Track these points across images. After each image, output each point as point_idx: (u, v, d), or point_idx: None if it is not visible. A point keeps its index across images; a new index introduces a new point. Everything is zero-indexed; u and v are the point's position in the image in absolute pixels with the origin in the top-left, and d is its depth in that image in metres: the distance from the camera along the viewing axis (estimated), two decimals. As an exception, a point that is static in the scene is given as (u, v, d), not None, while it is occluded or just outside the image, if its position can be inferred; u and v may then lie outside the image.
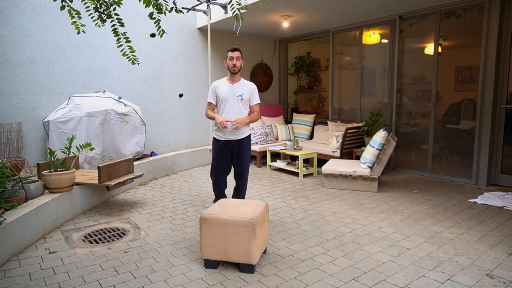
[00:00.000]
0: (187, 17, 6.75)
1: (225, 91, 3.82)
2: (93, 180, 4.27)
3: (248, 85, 3.90)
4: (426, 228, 3.72)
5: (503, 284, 2.63)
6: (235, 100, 3.80)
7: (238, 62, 3.77)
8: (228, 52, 3.79)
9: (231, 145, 3.89)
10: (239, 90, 3.82)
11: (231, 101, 3.80)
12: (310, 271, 2.86)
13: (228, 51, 3.80)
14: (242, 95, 3.81)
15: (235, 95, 3.80)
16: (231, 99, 3.80)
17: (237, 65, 3.76)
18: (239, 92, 3.81)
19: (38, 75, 5.24)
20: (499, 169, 5.21)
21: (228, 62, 3.79)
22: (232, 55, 3.76)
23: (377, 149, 4.92)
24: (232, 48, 3.79)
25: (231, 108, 3.80)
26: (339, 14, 6.09)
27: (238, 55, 3.77)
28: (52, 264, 3.01)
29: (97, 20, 2.77)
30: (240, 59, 3.79)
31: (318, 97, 9.13)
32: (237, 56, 3.76)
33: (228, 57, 3.79)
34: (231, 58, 3.76)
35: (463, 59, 5.49)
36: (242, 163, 3.97)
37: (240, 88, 3.84)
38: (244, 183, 4.08)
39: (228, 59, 3.79)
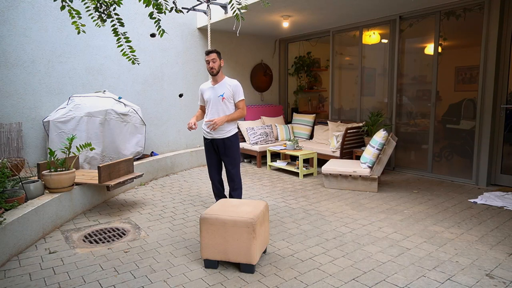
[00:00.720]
0: (187, 17, 6.75)
1: (208, 93, 3.96)
2: (93, 180, 4.27)
3: (230, 83, 3.95)
4: (426, 228, 3.72)
5: (503, 284, 2.63)
6: (217, 100, 3.90)
7: (215, 64, 3.83)
8: (205, 56, 3.88)
9: (216, 143, 3.98)
10: (220, 90, 3.90)
11: (213, 102, 3.91)
12: (310, 271, 2.86)
13: (205, 54, 3.89)
14: (223, 95, 3.88)
15: (216, 96, 3.90)
16: (213, 100, 3.91)
17: (214, 67, 3.83)
18: (220, 92, 3.90)
19: (38, 75, 5.24)
20: (499, 169, 5.21)
21: (206, 65, 3.89)
22: (208, 58, 3.84)
23: (377, 149, 4.92)
24: (207, 52, 3.88)
25: (214, 108, 3.91)
26: (339, 14, 6.09)
27: (214, 57, 3.82)
28: (52, 264, 3.01)
29: (97, 20, 2.77)
30: (216, 60, 3.84)
31: (318, 97, 9.13)
32: (212, 59, 3.82)
33: (205, 61, 3.88)
34: (207, 61, 3.85)
35: (463, 59, 5.49)
36: (228, 161, 3.99)
37: (221, 88, 3.91)
38: (235, 183, 4.04)
39: (206, 63, 3.88)
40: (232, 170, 3.99)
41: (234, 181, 4.04)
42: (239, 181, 4.06)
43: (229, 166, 4.00)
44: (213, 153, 4.04)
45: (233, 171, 3.99)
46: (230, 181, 4.06)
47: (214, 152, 4.03)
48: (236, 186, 4.05)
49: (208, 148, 4.06)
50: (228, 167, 4.00)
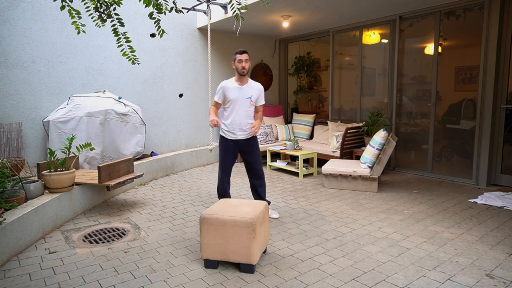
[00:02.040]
0: (187, 17, 6.75)
1: (235, 93, 3.86)
2: (93, 180, 4.27)
3: (256, 87, 3.96)
4: (426, 228, 3.72)
5: (503, 284, 2.63)
6: (244, 102, 3.86)
7: (247, 64, 3.81)
8: (236, 54, 3.84)
9: (240, 144, 3.95)
10: (249, 92, 3.88)
11: (240, 103, 3.86)
12: (310, 271, 2.86)
13: (236, 53, 3.84)
14: (251, 97, 3.88)
15: (244, 97, 3.86)
16: (240, 101, 3.85)
17: (246, 67, 3.81)
18: (249, 94, 3.88)
19: (38, 75, 5.24)
20: (499, 169, 5.21)
21: (237, 64, 3.83)
22: (241, 57, 3.81)
23: (377, 149, 4.92)
24: (241, 51, 3.84)
25: (241, 109, 3.87)
26: (339, 14, 6.09)
27: (247, 58, 3.82)
28: (52, 264, 3.01)
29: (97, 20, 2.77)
30: (248, 61, 3.84)
31: (318, 97, 9.13)
32: (245, 59, 3.81)
33: (237, 60, 3.83)
34: (240, 60, 3.80)
35: (463, 59, 5.49)
36: (255, 159, 4.03)
37: (250, 90, 3.90)
38: (263, 179, 4.12)
39: (237, 62, 3.83)
40: (260, 167, 4.07)
41: (262, 178, 4.10)
42: (263, 174, 4.13)
43: (257, 164, 4.03)
44: (232, 154, 3.99)
45: (260, 167, 4.07)
46: (258, 179, 4.09)
47: (233, 153, 3.99)
48: (263, 182, 4.13)
49: (228, 149, 3.96)
50: (256, 165, 4.03)
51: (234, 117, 3.87)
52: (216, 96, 3.93)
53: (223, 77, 7.49)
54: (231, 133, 3.92)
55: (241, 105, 3.86)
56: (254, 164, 4.04)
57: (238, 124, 3.88)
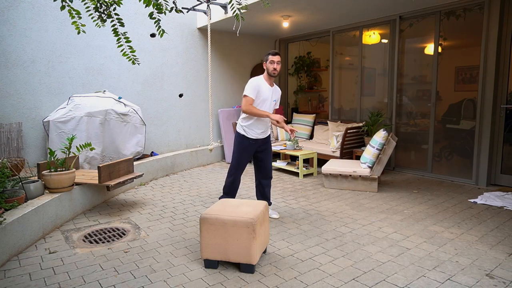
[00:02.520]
0: (187, 17, 6.75)
1: (266, 93, 3.83)
2: (93, 180, 4.27)
3: (278, 91, 4.03)
4: (426, 228, 3.72)
5: (503, 284, 2.63)
6: (271, 103, 3.90)
7: (278, 66, 3.78)
8: (269, 55, 3.78)
9: (259, 143, 3.98)
10: (275, 95, 3.95)
11: (268, 103, 3.87)
12: (310, 271, 2.86)
13: (269, 54, 3.78)
14: (276, 100, 3.97)
15: (272, 99, 3.89)
16: (269, 101, 3.87)
17: (277, 69, 3.78)
18: (275, 96, 3.94)
19: (38, 75, 5.24)
20: (499, 169, 5.21)
21: (269, 65, 3.78)
22: (274, 59, 3.76)
23: (377, 149, 4.92)
24: (274, 52, 3.79)
25: (267, 109, 3.87)
26: (339, 14, 6.09)
27: (279, 60, 3.78)
28: (52, 264, 3.01)
29: (97, 20, 2.77)
30: (280, 64, 3.81)
31: (318, 97, 9.13)
32: (278, 61, 3.76)
33: (269, 61, 3.77)
34: (272, 61, 3.76)
35: (463, 59, 5.49)
36: (270, 156, 4.08)
37: (275, 93, 3.96)
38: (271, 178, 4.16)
39: (269, 63, 3.77)
40: (271, 167, 4.13)
41: (271, 177, 4.14)
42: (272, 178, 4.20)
43: (270, 163, 4.08)
44: (251, 153, 4.00)
45: (271, 167, 4.13)
46: (268, 178, 4.11)
47: (251, 153, 4.00)
48: (270, 183, 4.17)
49: (247, 148, 3.94)
50: (269, 164, 4.07)
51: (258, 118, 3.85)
52: (251, 92, 3.75)
53: (223, 77, 7.51)
54: (254, 132, 3.89)
55: (268, 106, 3.88)
56: (268, 163, 4.06)
57: (263, 124, 3.90)
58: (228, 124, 7.30)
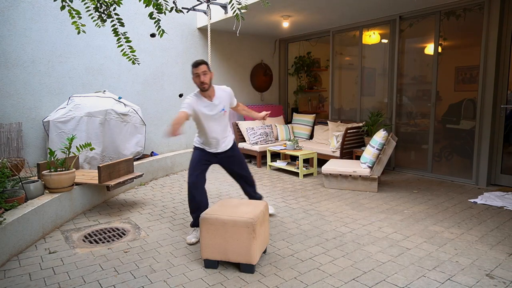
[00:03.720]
0: (187, 17, 6.75)
1: (206, 110, 3.40)
2: (93, 180, 4.27)
3: (224, 93, 3.51)
4: (426, 228, 3.72)
5: (503, 284, 2.63)
6: (219, 116, 3.46)
7: (205, 77, 3.29)
8: (192, 68, 3.33)
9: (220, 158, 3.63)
10: (220, 105, 3.45)
11: (215, 118, 3.45)
12: (310, 271, 2.86)
13: (192, 67, 3.33)
14: (225, 108, 3.48)
15: (218, 111, 3.44)
16: (215, 116, 3.44)
17: (206, 81, 3.29)
18: (221, 107, 3.45)
19: (38, 75, 5.24)
20: (499, 169, 5.21)
21: (195, 79, 3.33)
22: (197, 71, 3.28)
23: (377, 149, 4.91)
24: (195, 63, 3.31)
25: (218, 124, 3.48)
26: (339, 14, 6.09)
27: (204, 69, 3.28)
28: (52, 264, 3.01)
29: (97, 20, 2.77)
30: (207, 73, 3.30)
31: (318, 97, 9.13)
32: (203, 71, 3.27)
33: (194, 74, 3.31)
34: (197, 75, 3.29)
35: (463, 59, 5.48)
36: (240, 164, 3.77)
37: (220, 101, 3.45)
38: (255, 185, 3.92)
39: (194, 77, 3.32)
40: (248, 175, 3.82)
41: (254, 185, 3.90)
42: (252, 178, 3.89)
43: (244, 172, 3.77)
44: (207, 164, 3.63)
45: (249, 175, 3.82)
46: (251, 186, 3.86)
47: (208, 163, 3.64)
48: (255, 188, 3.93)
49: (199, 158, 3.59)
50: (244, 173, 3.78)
51: (211, 134, 3.48)
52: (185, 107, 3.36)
53: (223, 77, 7.51)
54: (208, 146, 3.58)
55: (217, 120, 3.46)
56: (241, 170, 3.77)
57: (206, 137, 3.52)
58: (228, 124, 7.28)
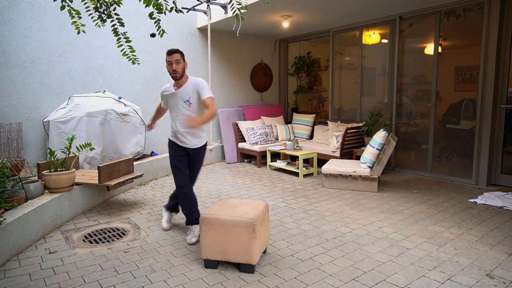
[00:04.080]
0: (187, 17, 6.74)
1: (172, 99, 3.43)
2: (93, 180, 4.27)
3: (193, 84, 3.35)
4: (426, 228, 3.72)
5: (503, 284, 2.63)
6: (182, 106, 3.36)
7: (178, 66, 3.26)
8: (166, 55, 3.30)
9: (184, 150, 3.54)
10: (185, 95, 3.34)
11: (179, 108, 3.39)
12: (310, 271, 2.86)
13: (166, 54, 3.31)
14: (190, 100, 3.33)
15: (182, 101, 3.36)
16: (179, 106, 3.38)
17: (177, 70, 3.26)
18: (185, 97, 3.34)
19: (38, 75, 5.24)
20: (499, 169, 5.21)
21: (168, 67, 3.31)
22: (170, 59, 3.26)
23: (377, 149, 4.91)
24: (169, 51, 3.29)
25: (181, 115, 3.38)
26: (339, 14, 6.09)
27: (178, 58, 3.26)
28: (52, 264, 3.01)
29: (97, 20, 2.77)
30: (180, 62, 3.27)
31: (318, 97, 9.13)
32: (176, 60, 3.25)
33: (167, 62, 3.30)
34: (170, 63, 3.26)
35: (463, 59, 5.48)
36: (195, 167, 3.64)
37: (186, 92, 3.35)
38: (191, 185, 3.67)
39: (167, 64, 3.30)
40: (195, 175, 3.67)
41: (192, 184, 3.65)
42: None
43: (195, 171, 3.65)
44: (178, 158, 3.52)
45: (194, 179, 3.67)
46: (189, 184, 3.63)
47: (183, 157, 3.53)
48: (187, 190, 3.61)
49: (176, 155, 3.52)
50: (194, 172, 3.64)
51: (176, 125, 3.44)
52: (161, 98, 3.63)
53: (223, 77, 7.51)
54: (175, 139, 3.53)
55: (181, 110, 3.37)
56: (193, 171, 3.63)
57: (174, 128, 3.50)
58: (228, 124, 7.29)
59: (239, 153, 7.28)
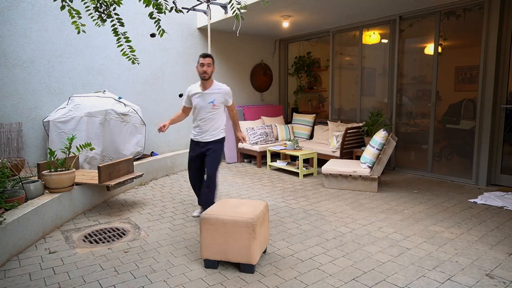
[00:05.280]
0: (187, 17, 6.75)
1: (197, 99, 3.88)
2: (93, 180, 4.27)
3: (220, 89, 3.89)
4: (426, 228, 3.72)
5: (503, 284, 2.63)
6: (207, 106, 3.84)
7: (208, 68, 3.74)
8: (200, 58, 3.78)
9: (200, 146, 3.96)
10: (210, 97, 3.84)
11: (203, 108, 3.85)
12: (310, 271, 2.86)
13: (200, 56, 3.79)
14: (214, 101, 3.84)
15: (206, 102, 3.83)
16: (203, 106, 3.85)
17: (207, 71, 3.74)
18: (210, 98, 3.83)
19: (38, 75, 5.24)
20: (499, 169, 5.21)
21: (199, 68, 3.77)
22: (203, 61, 3.74)
23: (377, 149, 4.91)
24: (204, 54, 3.79)
25: (204, 115, 3.87)
26: (339, 14, 6.09)
27: (209, 62, 3.76)
28: (52, 264, 3.01)
29: (97, 20, 2.77)
30: (211, 66, 3.76)
31: (318, 97, 9.13)
32: (208, 63, 3.74)
33: (199, 63, 3.76)
34: (202, 64, 3.74)
35: (463, 59, 5.49)
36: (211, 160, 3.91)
37: (211, 94, 3.84)
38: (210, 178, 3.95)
39: (199, 65, 3.76)
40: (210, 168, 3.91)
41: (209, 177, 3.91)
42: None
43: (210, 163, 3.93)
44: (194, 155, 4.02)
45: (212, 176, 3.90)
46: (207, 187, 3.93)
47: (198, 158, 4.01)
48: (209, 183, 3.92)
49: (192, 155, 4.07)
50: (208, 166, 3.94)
51: (198, 123, 3.91)
52: (186, 100, 4.04)
53: (223, 77, 7.51)
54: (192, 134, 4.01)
55: (204, 110, 3.85)
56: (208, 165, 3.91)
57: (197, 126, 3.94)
58: (228, 124, 7.26)
59: (239, 153, 7.28)
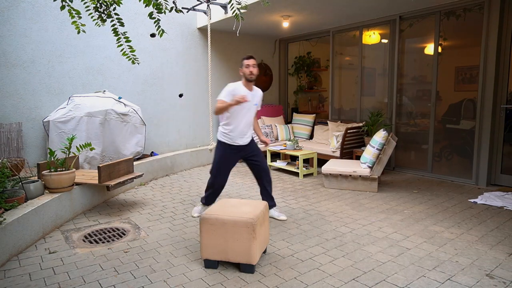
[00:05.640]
0: (187, 17, 6.75)
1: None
2: (93, 180, 4.27)
3: (259, 92, 3.97)
4: (426, 228, 3.72)
5: (503, 284, 2.63)
6: (251, 107, 3.84)
7: (254, 69, 3.78)
8: (244, 60, 3.81)
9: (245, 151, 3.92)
10: (255, 99, 3.87)
11: (247, 109, 3.80)
12: (310, 271, 2.86)
13: (244, 59, 3.81)
14: (257, 104, 3.91)
15: (252, 103, 3.82)
16: (248, 107, 3.78)
17: (254, 72, 3.77)
18: (256, 101, 3.88)
19: (38, 75, 5.24)
20: (499, 169, 5.21)
21: (245, 70, 3.77)
22: (248, 62, 3.78)
23: (377, 149, 4.91)
24: (248, 56, 3.83)
25: (247, 115, 3.82)
26: (339, 14, 6.09)
27: (254, 63, 3.80)
28: (52, 264, 3.01)
29: (97, 20, 2.77)
30: (256, 67, 3.80)
31: (318, 97, 9.13)
32: (253, 64, 3.78)
33: (244, 65, 3.78)
34: (248, 65, 3.77)
35: (463, 59, 5.49)
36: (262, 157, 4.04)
37: (256, 96, 3.90)
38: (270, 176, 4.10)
39: (245, 67, 3.78)
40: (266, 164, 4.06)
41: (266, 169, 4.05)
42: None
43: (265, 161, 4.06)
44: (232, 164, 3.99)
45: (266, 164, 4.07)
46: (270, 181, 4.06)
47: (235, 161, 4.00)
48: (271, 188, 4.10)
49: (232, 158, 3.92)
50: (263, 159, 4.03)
51: (239, 124, 3.78)
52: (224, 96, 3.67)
53: (223, 77, 7.51)
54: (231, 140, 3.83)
55: (248, 111, 3.82)
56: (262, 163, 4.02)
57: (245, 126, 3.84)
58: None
59: (239, 153, 7.27)
